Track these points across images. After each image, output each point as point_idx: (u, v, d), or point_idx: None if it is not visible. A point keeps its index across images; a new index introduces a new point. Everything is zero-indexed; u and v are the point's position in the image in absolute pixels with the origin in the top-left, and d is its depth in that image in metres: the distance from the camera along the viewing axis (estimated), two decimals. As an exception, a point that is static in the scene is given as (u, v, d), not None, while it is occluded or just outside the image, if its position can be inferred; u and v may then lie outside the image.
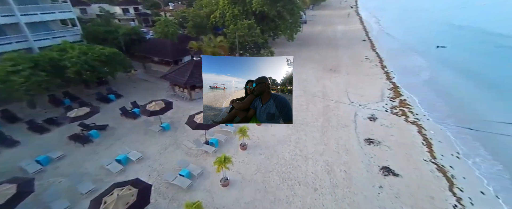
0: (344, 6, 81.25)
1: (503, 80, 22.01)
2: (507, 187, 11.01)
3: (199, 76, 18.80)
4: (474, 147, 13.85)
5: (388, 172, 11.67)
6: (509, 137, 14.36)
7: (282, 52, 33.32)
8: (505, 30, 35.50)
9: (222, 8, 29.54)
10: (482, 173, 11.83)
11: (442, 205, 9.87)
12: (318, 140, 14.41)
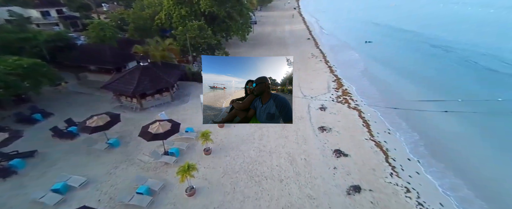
0: (288, 8, 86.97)
1: (416, 67, 27.32)
2: (423, 152, 13.70)
3: (149, 82, 17.40)
4: (398, 123, 16.70)
5: (339, 154, 13.11)
6: (421, 112, 17.97)
7: (236, 52, 33.56)
8: (413, 26, 44.18)
9: (168, 9, 27.82)
10: (406, 144, 14.45)
11: (382, 174, 11.63)
12: (279, 134, 15.11)
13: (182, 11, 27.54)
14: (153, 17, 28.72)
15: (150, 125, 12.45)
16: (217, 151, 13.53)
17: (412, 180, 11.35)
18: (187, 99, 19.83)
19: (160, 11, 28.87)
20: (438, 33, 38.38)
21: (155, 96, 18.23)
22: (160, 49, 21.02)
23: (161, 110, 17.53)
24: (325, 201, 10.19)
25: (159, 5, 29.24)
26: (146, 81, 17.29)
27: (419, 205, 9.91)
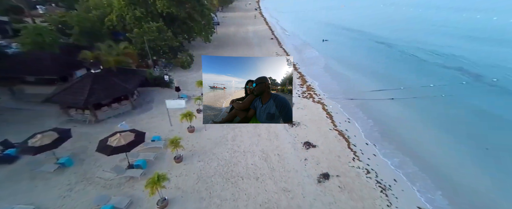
0: (249, 9, 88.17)
1: (366, 61, 30.56)
2: (377, 137, 15.47)
3: (103, 91, 15.78)
4: (355, 112, 18.54)
5: (309, 146, 13.94)
6: (374, 100, 20.28)
7: (201, 54, 32.68)
8: (359, 26, 49.18)
9: (119, 10, 25.52)
10: (363, 130, 16.13)
11: (346, 160, 12.75)
12: (252, 133, 15.29)
13: (137, 12, 25.60)
14: (102, 19, 26.03)
15: (109, 138, 11.31)
16: (189, 158, 13.04)
17: (370, 162, 12.72)
18: (151, 106, 18.58)
19: (110, 12, 26.33)
20: (380, 31, 43.51)
21: (112, 106, 16.60)
22: (114, 54, 19.13)
23: (121, 120, 16.07)
24: (299, 192, 10.72)
25: (109, 6, 26.63)
26: (100, 90, 15.61)
27: (378, 183, 11.19)
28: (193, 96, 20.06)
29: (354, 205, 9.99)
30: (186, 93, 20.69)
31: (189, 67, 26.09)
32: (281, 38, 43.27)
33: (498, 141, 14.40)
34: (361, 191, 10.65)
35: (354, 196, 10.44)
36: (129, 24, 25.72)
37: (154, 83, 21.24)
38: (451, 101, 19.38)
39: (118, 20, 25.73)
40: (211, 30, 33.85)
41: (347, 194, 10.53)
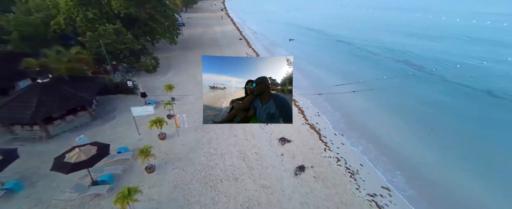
0: (215, 9, 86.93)
1: (329, 58, 32.78)
2: (344, 127, 16.81)
3: (54, 102, 14.08)
4: (324, 106, 19.88)
5: (284, 141, 14.45)
6: (339, 94, 21.94)
7: (168, 57, 31.18)
8: (320, 26, 52.42)
9: (67, 12, 22.77)
10: (331, 122, 17.36)
11: (318, 151, 13.56)
12: (228, 134, 15.20)
13: (89, 14, 23.19)
14: (47, 22, 22.95)
15: (66, 154, 10.11)
16: (162, 166, 12.41)
17: (340, 150, 13.77)
18: (113, 116, 17.10)
19: (56, 14, 23.34)
20: (339, 31, 46.99)
21: (66, 118, 14.84)
22: (64, 61, 17.06)
23: (78, 134, 14.46)
24: (278, 187, 11.06)
25: (54, 7, 23.58)
26: (50, 101, 13.82)
27: (347, 169, 12.18)
28: (162, 102, 19.07)
29: (328, 192, 10.71)
30: (154, 98, 19.56)
31: (154, 71, 24.65)
32: (249, 38, 43.70)
33: (439, 122, 16.88)
34: (334, 178, 11.47)
35: (327, 184, 11.19)
36: (80, 26, 23.17)
37: (116, 90, 19.56)
38: (401, 90, 21.97)
39: (67, 22, 22.95)
40: (176, 31, 32.49)
41: (322, 183, 11.24)
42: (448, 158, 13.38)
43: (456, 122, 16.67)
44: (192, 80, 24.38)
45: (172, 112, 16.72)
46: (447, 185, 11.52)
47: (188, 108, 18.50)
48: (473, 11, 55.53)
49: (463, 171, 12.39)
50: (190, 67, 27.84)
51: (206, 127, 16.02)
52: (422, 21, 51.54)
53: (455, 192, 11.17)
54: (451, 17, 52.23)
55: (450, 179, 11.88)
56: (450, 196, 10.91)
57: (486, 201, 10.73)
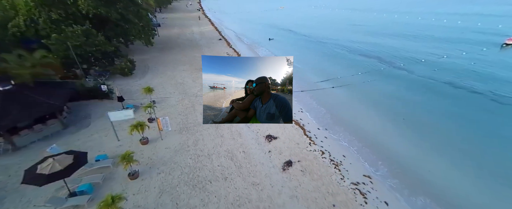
0: (191, 9, 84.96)
1: (306, 56, 33.97)
2: (330, 122, 17.61)
3: (19, 111, 12.81)
4: (309, 102, 20.63)
5: (270, 138, 14.69)
6: (324, 90, 22.82)
7: (144, 59, 29.78)
8: (294, 27, 53.90)
9: (28, 13, 20.61)
10: (315, 118, 18.05)
11: (304, 146, 14.00)
12: (214, 134, 15.02)
13: (53, 15, 21.28)
14: (5, 24, 20.58)
15: (39, 165, 9.25)
16: (146, 172, 11.91)
17: (324, 144, 14.38)
18: (88, 122, 15.96)
19: (15, 16, 21.03)
20: (314, 31, 48.75)
21: (34, 128, 13.51)
22: (28, 66, 15.46)
23: (49, 143, 13.29)
24: (267, 183, 11.24)
25: (12, 8, 21.22)
26: (15, 110, 12.49)
27: (332, 161, 12.78)
28: (141, 105, 18.23)
29: (315, 184, 11.16)
30: (132, 102, 18.61)
31: (130, 73, 23.42)
32: (229, 38, 43.44)
33: (409, 111, 18.43)
34: (320, 170, 11.97)
35: (314, 176, 11.65)
36: (43, 28, 21.15)
37: (89, 96, 18.23)
38: (375, 84, 23.54)
39: (27, 24, 20.77)
40: (151, 32, 31.17)
41: (309, 176, 11.66)
42: (420, 144, 14.67)
43: (423, 112, 18.32)
44: (171, 81, 23.62)
45: (154, 115, 16.07)
46: (419, 170, 12.66)
47: (170, 110, 17.91)
48: (433, 11, 61.23)
49: (435, 157, 13.70)
50: (168, 69, 26.93)
51: (191, 128, 15.69)
52: (388, 21, 55.53)
53: (425, 175, 12.32)
54: (414, 17, 57.07)
55: (421, 164, 13.07)
56: (423, 181, 12.02)
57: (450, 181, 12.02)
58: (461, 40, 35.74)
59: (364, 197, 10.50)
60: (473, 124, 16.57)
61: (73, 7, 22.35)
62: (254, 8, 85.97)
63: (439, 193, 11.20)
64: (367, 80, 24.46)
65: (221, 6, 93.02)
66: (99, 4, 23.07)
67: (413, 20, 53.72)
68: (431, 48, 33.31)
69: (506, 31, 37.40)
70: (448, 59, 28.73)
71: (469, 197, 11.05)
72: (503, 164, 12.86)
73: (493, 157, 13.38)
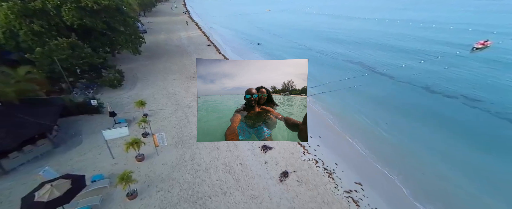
0: (177, 13, 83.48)
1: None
2: (318, 129, 18.28)
3: (6, 133, 12.40)
4: None
5: (266, 149, 15.22)
6: (314, 96, 23.71)
7: (132, 68, 29.19)
8: (285, 32, 54.93)
9: (8, 25, 19.62)
10: (309, 129, 18.74)
11: (298, 155, 14.63)
12: (210, 147, 15.24)
13: (35, 26, 20.41)
14: (-19, 36, 19.52)
15: (35, 193, 9.09)
16: (145, 190, 11.97)
17: (316, 152, 15.13)
18: (79, 140, 15.60)
19: (-8, 27, 19.98)
20: (298, 35, 50.00)
21: (24, 149, 13.05)
22: (12, 82, 14.84)
23: (40, 164, 12.95)
24: (266, 196, 11.72)
25: (-12, 19, 20.13)
26: (3, 133, 12.07)
27: (325, 170, 13.52)
28: (133, 119, 18.06)
29: (311, 194, 11.80)
30: (124, 116, 18.36)
31: (120, 85, 22.97)
32: (218, 44, 43.48)
33: (393, 116, 19.73)
34: (314, 180, 12.65)
35: (310, 186, 12.30)
36: (25, 41, 20.23)
37: (78, 111, 17.74)
38: (361, 89, 24.86)
39: (7, 36, 19.76)
40: (139, 40, 30.62)
41: (305, 186, 12.29)
42: (410, 147, 15.81)
43: (405, 116, 19.69)
44: (163, 92, 23.46)
45: (148, 130, 16.02)
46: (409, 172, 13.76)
47: (164, 124, 17.89)
48: (408, 19, 64.75)
49: (421, 160, 14.88)
50: (159, 78, 26.66)
51: (186, 142, 15.82)
52: (369, 28, 57.84)
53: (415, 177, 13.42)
54: (395, 25, 60.04)
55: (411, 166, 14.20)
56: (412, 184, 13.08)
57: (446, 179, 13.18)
58: (436, 45, 38.29)
59: (357, 205, 11.29)
60: (449, 126, 18.11)
61: (56, 18, 21.55)
62: (241, 11, 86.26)
63: (430, 195, 12.27)
64: (353, 86, 25.70)
65: (207, 9, 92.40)
66: (84, 15, 22.41)
67: (390, 28, 55.09)
68: (411, 53, 35.24)
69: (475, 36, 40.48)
70: (426, 64, 30.80)
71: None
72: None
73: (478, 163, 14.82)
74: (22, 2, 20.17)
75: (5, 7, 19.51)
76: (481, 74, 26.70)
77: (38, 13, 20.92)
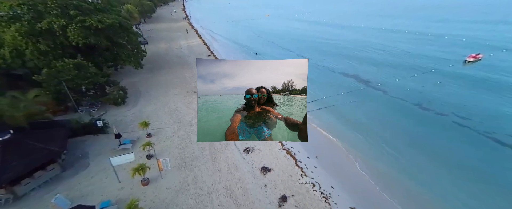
0: (176, 18, 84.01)
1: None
2: (315, 150, 19.07)
3: (20, 161, 13.09)
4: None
5: (265, 171, 15.98)
6: (310, 112, 24.60)
7: (134, 82, 29.85)
8: (281, 41, 55.79)
9: (13, 43, 20.19)
10: (305, 145, 19.51)
11: (296, 178, 15.43)
12: (212, 169, 15.99)
13: (41, 46, 21.03)
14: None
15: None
16: (151, 216, 12.66)
17: (314, 174, 15.94)
18: (86, 163, 16.25)
19: (0, 47, 20.53)
20: (294, 45, 50.89)
21: (34, 175, 13.67)
22: (22, 107, 15.45)
23: (50, 190, 13.62)
24: (265, 221, 12.48)
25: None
26: (16, 161, 12.71)
27: (322, 193, 14.33)
28: (137, 140, 18.73)
29: (308, 219, 12.60)
30: (128, 136, 19.00)
31: (123, 102, 23.61)
32: (218, 54, 44.24)
33: (391, 135, 20.47)
34: (311, 205, 13.43)
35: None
36: (30, 60, 20.85)
37: (84, 131, 18.37)
38: (357, 105, 25.72)
39: (14, 56, 20.37)
40: (141, 54, 31.29)
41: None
42: (412, 171, 16.47)
43: (399, 135, 20.56)
44: (165, 108, 24.15)
45: (152, 152, 16.71)
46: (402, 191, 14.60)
47: (167, 144, 18.58)
48: (403, 29, 65.87)
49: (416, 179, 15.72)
50: (160, 93, 27.32)
51: (189, 163, 16.52)
52: (364, 39, 58.38)
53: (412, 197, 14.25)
54: (390, 35, 61.14)
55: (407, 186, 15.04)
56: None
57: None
58: (430, 57, 39.30)
59: (350, 230, 12.11)
60: (441, 146, 18.99)
61: (62, 37, 22.17)
62: (240, 15, 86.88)
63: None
64: (349, 101, 26.56)
65: (207, 14, 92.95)
66: (88, 34, 23.06)
67: (385, 38, 55.49)
68: (404, 68, 35.84)
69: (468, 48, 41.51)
70: (419, 78, 31.77)
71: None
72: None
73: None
74: (29, 24, 20.79)
75: (13, 29, 20.11)
76: (470, 92, 27.51)
77: (44, 33, 21.54)
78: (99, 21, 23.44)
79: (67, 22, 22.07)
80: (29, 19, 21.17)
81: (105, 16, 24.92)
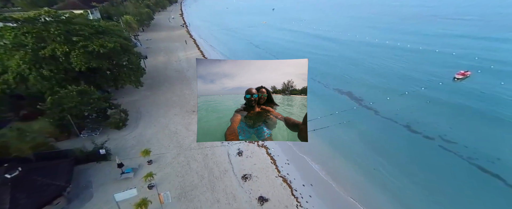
0: (174, 26, 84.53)
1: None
2: (311, 176, 19.83)
3: (28, 198, 13.67)
4: (292, 151, 22.97)
5: (262, 201, 16.86)
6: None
7: (134, 100, 30.54)
8: (278, 52, 57.23)
9: (18, 69, 20.79)
10: (300, 171, 20.41)
11: (293, 208, 16.56)
12: (211, 200, 16.80)
13: (44, 72, 21.66)
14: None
15: None
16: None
17: (309, 205, 16.87)
18: (90, 193, 16.97)
19: (3, 72, 21.13)
20: (291, 55, 52.22)
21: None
22: (28, 140, 16.12)
23: (57, 224, 14.26)
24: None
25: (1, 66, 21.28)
26: (24, 198, 13.36)
27: (314, 226, 15.30)
28: (139, 167, 19.47)
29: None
30: (129, 164, 19.72)
31: (124, 126, 24.30)
32: (215, 68, 45.03)
33: (383, 159, 21.46)
34: (304, 238, 14.36)
35: (299, 244, 14.00)
36: (34, 85, 21.45)
37: (86, 159, 19.05)
38: (350, 126, 26.75)
39: (18, 82, 20.97)
40: (142, 72, 31.99)
41: (295, 244, 13.99)
42: (402, 194, 17.49)
43: (389, 158, 21.61)
44: (165, 131, 24.88)
45: (153, 182, 17.48)
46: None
47: (167, 171, 19.35)
48: (397, 38, 67.34)
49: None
50: (160, 114, 28.04)
51: (188, 193, 17.33)
52: (358, 49, 59.30)
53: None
54: (384, 47, 62.36)
55: None
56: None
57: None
58: (421, 73, 40.52)
59: None
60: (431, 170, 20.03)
61: (65, 63, 22.81)
62: (238, 23, 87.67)
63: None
64: (342, 121, 27.56)
65: (205, 20, 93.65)
66: (90, 59, 23.74)
67: (378, 51, 55.72)
68: (395, 85, 36.60)
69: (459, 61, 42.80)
70: (410, 96, 32.96)
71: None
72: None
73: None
74: (32, 51, 21.40)
75: (17, 57, 20.72)
76: (457, 112, 28.83)
77: (47, 59, 22.17)
78: (101, 46, 24.13)
79: (70, 48, 22.72)
80: (33, 47, 21.78)
81: (106, 39, 25.61)
